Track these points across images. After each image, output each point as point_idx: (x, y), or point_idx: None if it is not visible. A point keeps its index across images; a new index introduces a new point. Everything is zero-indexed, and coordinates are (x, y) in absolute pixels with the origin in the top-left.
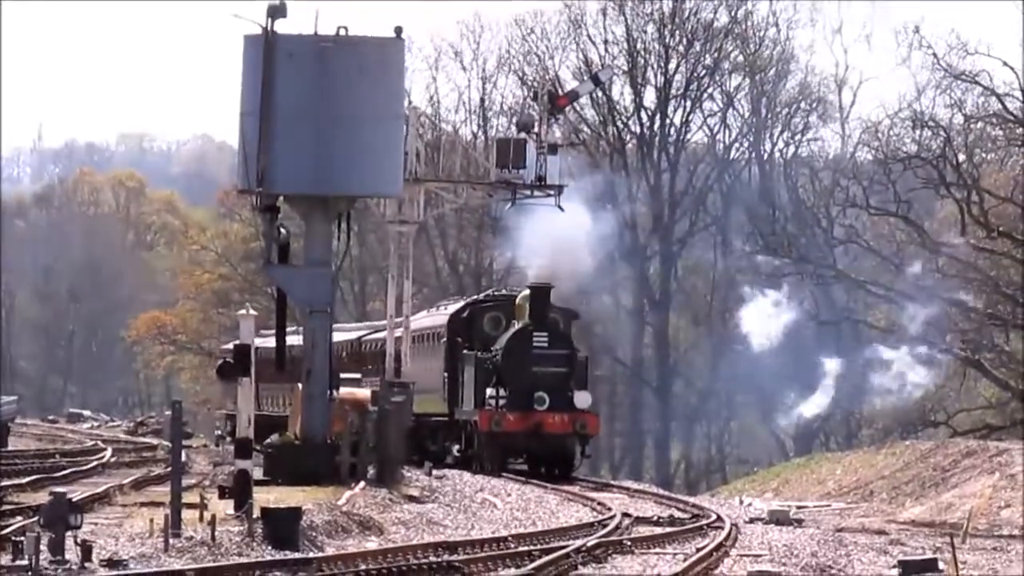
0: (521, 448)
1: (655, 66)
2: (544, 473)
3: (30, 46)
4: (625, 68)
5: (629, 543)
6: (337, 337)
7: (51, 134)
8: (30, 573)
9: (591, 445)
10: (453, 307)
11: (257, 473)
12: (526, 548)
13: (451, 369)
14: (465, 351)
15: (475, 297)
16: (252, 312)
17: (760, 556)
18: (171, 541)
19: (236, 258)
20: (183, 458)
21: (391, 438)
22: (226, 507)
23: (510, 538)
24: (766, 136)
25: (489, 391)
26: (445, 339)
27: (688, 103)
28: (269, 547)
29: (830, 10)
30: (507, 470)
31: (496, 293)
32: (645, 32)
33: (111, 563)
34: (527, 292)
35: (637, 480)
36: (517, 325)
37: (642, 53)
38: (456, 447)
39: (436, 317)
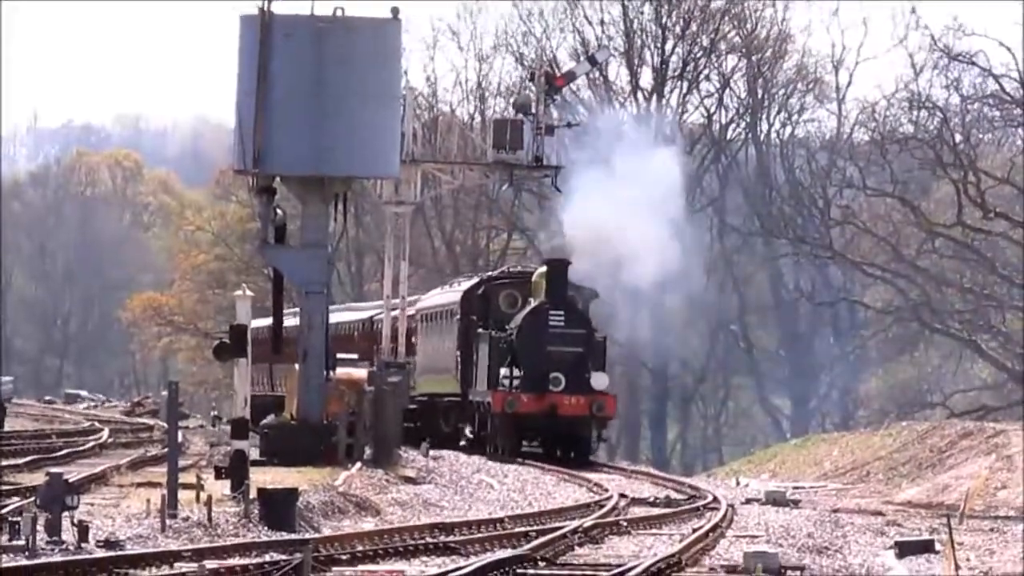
0: (536, 431)
1: (652, 47)
2: (560, 456)
3: (27, 28)
4: (622, 49)
5: (626, 524)
6: (350, 317)
7: (47, 115)
8: (27, 553)
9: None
10: (467, 284)
11: (254, 454)
12: (523, 529)
13: (464, 348)
14: (479, 330)
15: (490, 273)
16: (248, 293)
17: (756, 537)
18: (167, 522)
19: (232, 239)
20: (179, 439)
21: (388, 419)
22: (222, 488)
23: (507, 519)
24: (763, 117)
25: (503, 371)
26: (459, 317)
27: (685, 84)
28: (265, 528)
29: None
30: (521, 453)
31: (512, 269)
32: (642, 13)
33: (108, 543)
34: (543, 269)
35: (633, 461)
36: (533, 303)
37: (639, 34)
38: (469, 429)
39: (450, 294)
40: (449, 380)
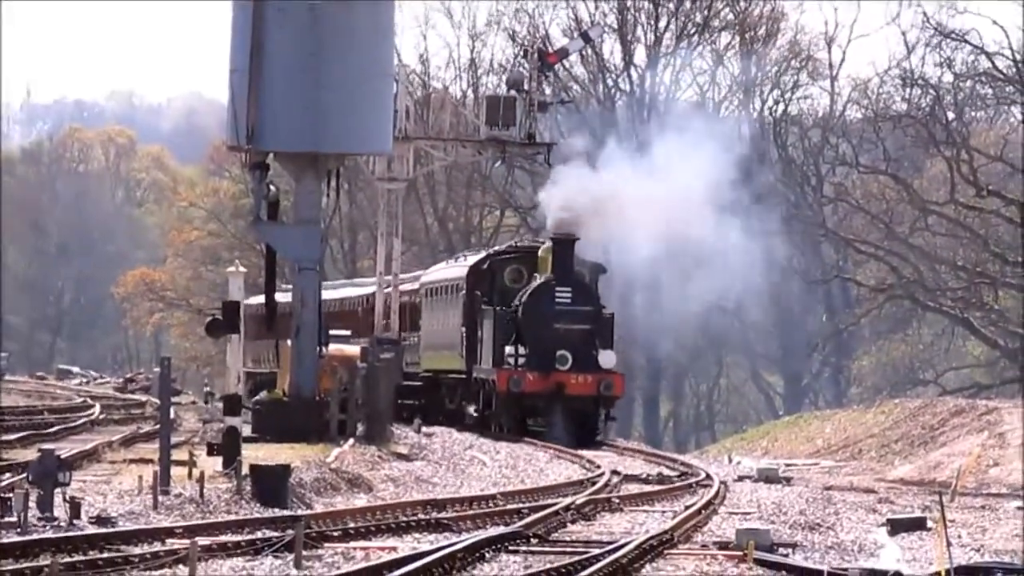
0: (541, 410)
1: (645, 24)
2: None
3: (20, 3)
4: (615, 26)
5: (618, 501)
6: (354, 292)
7: (40, 91)
8: (19, 530)
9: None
10: (473, 258)
11: (246, 430)
12: (515, 506)
13: (470, 324)
14: (484, 306)
15: (496, 248)
16: (241, 269)
17: (749, 514)
18: (159, 498)
19: (225, 215)
20: (172, 415)
21: (380, 395)
22: (215, 464)
23: (499, 496)
24: (756, 94)
25: (508, 349)
26: (464, 292)
27: (678, 61)
28: (257, 504)
29: None
30: (527, 433)
31: (519, 243)
32: None
33: (99, 520)
34: (550, 244)
35: (626, 438)
36: (539, 279)
37: (632, 11)
38: (473, 407)
39: (455, 268)
40: (454, 357)
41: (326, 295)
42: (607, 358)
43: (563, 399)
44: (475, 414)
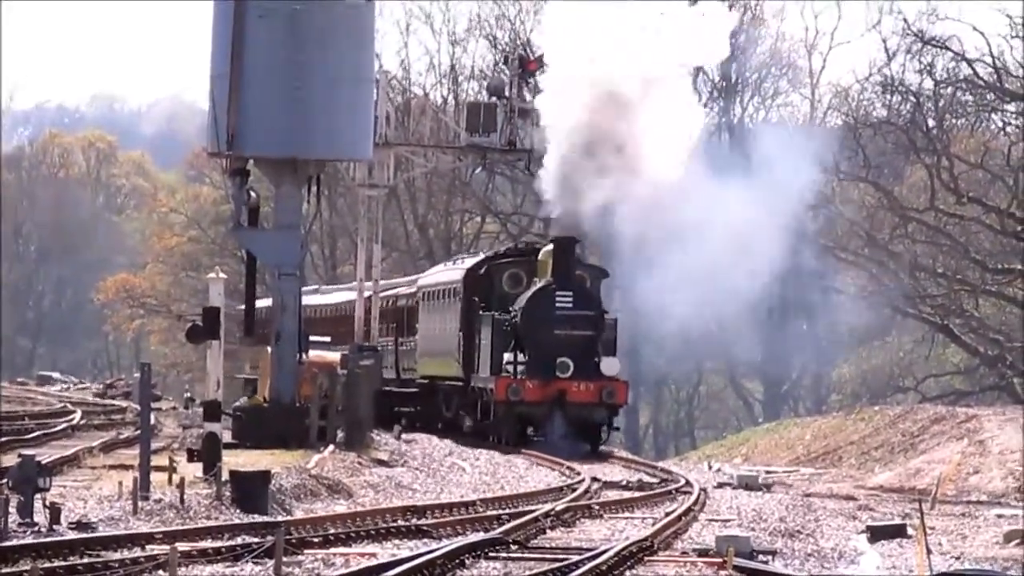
0: (541, 419)
1: None
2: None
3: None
4: None
5: (598, 507)
6: (349, 296)
7: (21, 96)
8: None
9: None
10: (471, 261)
11: (226, 436)
12: (495, 512)
13: (467, 330)
14: (482, 311)
15: (494, 251)
16: (221, 275)
17: (729, 521)
18: (140, 504)
19: (206, 221)
20: (152, 421)
21: (360, 401)
22: (195, 470)
23: (478, 502)
24: (736, 101)
25: (507, 356)
26: (461, 296)
27: None
28: (237, 510)
29: None
30: (527, 444)
31: (518, 246)
32: None
33: (80, 525)
34: (550, 247)
35: (606, 444)
36: (539, 283)
37: None
38: (469, 419)
39: (452, 272)
40: (451, 363)
41: (319, 300)
42: (610, 365)
43: (564, 407)
44: (471, 424)
